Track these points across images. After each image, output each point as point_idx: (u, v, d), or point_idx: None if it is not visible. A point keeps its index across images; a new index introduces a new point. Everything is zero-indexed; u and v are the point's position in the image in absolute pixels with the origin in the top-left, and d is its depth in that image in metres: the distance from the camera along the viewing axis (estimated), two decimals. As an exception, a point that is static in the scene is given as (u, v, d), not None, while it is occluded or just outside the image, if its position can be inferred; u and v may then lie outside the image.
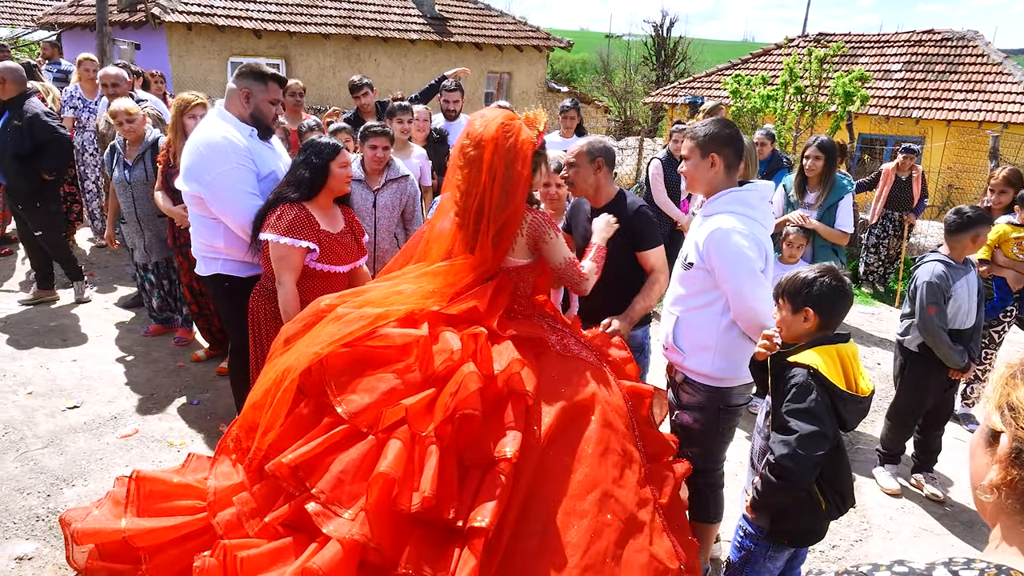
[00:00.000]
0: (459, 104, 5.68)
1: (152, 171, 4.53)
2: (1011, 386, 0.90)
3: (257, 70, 3.26)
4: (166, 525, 2.25)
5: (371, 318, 2.24)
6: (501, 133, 2.37)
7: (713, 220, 2.52)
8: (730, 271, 2.45)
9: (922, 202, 7.29)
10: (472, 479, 2.05)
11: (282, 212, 2.96)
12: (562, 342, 2.48)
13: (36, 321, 5.22)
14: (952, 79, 13.88)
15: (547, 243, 2.52)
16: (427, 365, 2.17)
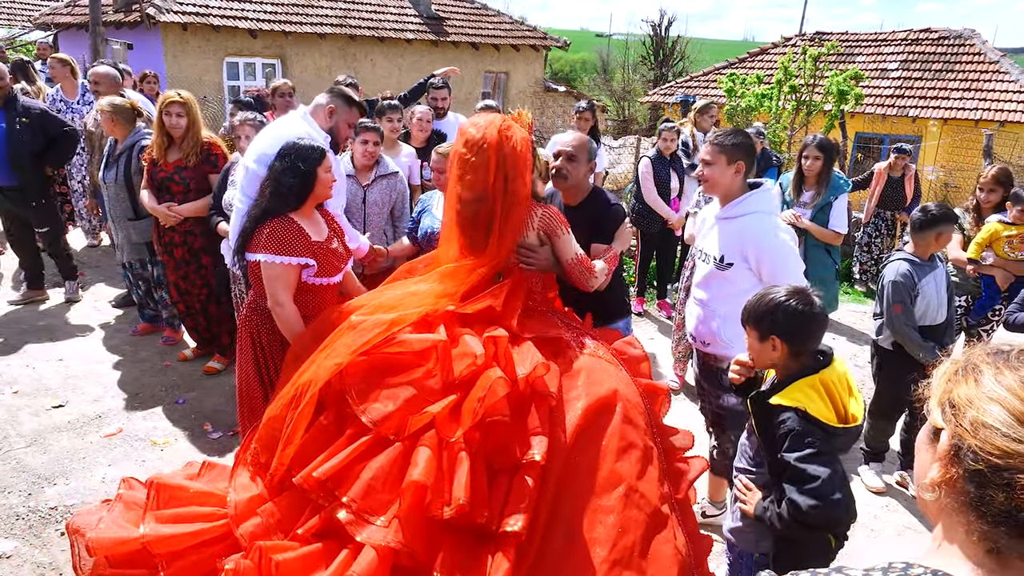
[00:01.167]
0: (447, 102, 5.67)
1: (123, 173, 4.50)
2: (953, 383, 0.89)
3: (347, 95, 3.37)
4: (185, 532, 2.23)
5: (386, 324, 2.24)
6: (502, 137, 2.39)
7: (746, 220, 2.72)
8: (782, 263, 2.68)
9: (915, 201, 7.27)
10: (500, 483, 2.06)
11: (272, 229, 2.72)
12: (578, 340, 2.48)
13: (25, 320, 5.21)
14: (948, 78, 13.87)
15: (559, 237, 2.58)
16: (447, 370, 2.18)
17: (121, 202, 4.50)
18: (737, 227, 2.76)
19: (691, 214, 4.53)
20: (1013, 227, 4.28)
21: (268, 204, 2.78)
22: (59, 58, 6.43)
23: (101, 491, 3.28)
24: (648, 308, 6.30)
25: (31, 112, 5.04)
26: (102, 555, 2.22)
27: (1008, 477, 0.78)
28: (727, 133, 2.82)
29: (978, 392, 0.85)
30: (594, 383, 2.29)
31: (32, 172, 5.13)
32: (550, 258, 2.61)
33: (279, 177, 2.79)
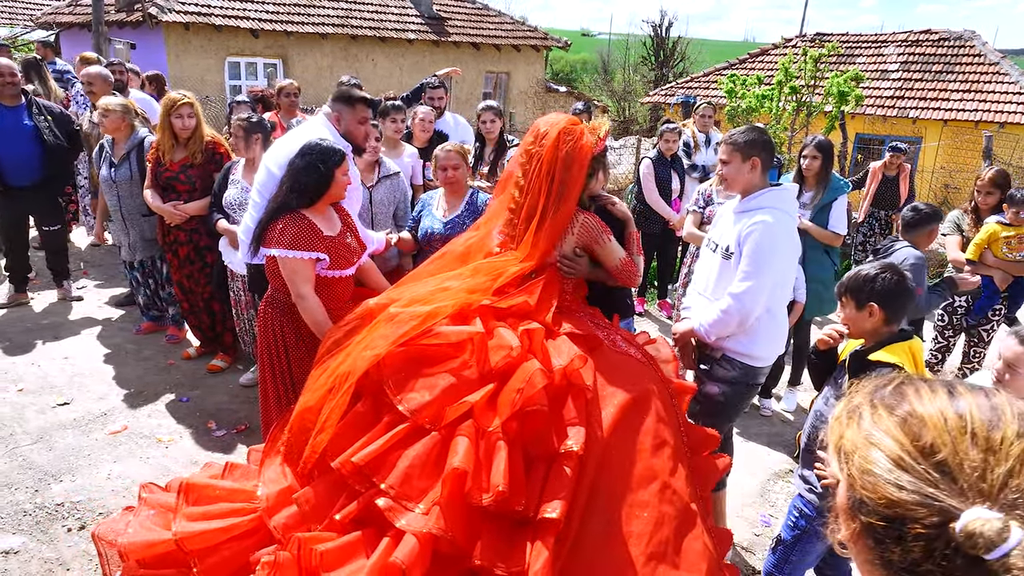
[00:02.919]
0: (443, 101, 5.68)
1: (137, 170, 4.55)
2: (840, 426, 0.81)
3: (346, 94, 3.31)
4: (217, 527, 2.26)
5: (422, 316, 2.28)
6: (563, 134, 2.46)
7: (757, 215, 2.79)
8: (755, 259, 2.72)
9: (909, 200, 7.30)
10: (537, 471, 2.09)
11: (285, 225, 2.82)
12: (610, 338, 2.53)
13: (29, 319, 5.24)
14: (949, 79, 13.89)
15: (602, 246, 2.62)
16: (483, 361, 2.21)
17: (135, 198, 4.53)
18: (747, 220, 2.82)
19: (691, 212, 4.56)
20: (1011, 228, 4.31)
21: (284, 200, 2.88)
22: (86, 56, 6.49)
23: (107, 488, 3.32)
24: (649, 308, 6.33)
25: (52, 111, 5.13)
26: (134, 559, 2.23)
27: (901, 529, 0.70)
28: (741, 131, 2.89)
29: (859, 436, 0.78)
30: (628, 380, 2.33)
31: (65, 168, 5.24)
32: (588, 266, 2.66)
33: (297, 174, 2.89)
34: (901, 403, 0.76)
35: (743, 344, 2.85)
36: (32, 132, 4.97)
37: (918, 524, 0.69)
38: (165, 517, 2.33)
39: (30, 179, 5.07)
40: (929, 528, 0.69)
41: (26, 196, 5.13)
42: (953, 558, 0.67)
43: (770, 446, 4.20)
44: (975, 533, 0.65)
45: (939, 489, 0.69)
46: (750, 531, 3.39)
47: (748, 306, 2.74)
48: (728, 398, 2.93)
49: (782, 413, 4.64)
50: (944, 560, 0.68)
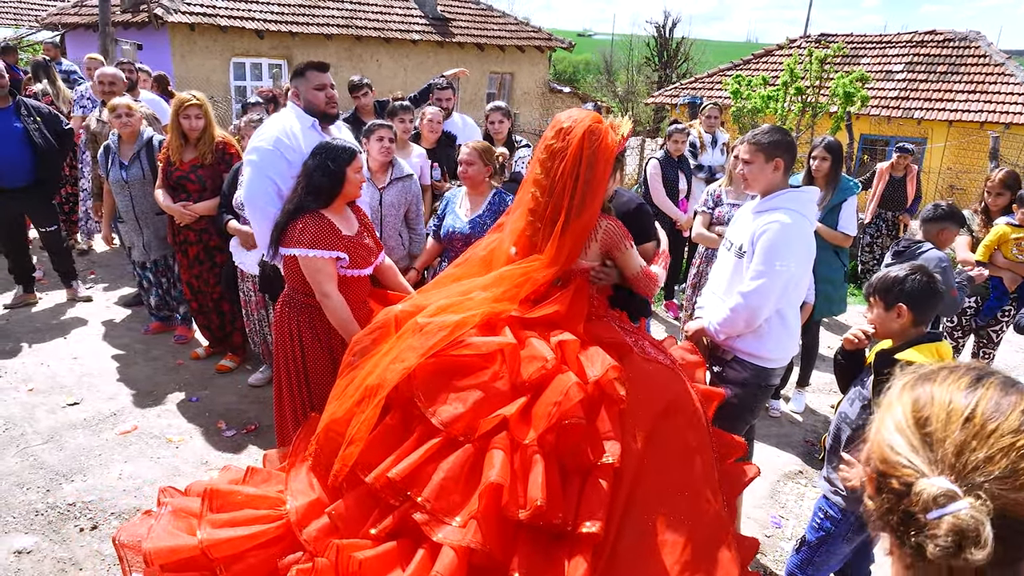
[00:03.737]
0: (451, 102, 5.69)
1: (149, 169, 4.56)
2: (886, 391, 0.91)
3: (295, 68, 3.39)
4: (244, 534, 2.25)
5: (451, 327, 2.23)
6: (589, 132, 2.36)
7: (773, 215, 2.77)
8: (767, 259, 2.70)
9: (916, 201, 7.29)
10: (573, 484, 2.07)
11: (304, 225, 2.84)
12: (639, 344, 2.47)
13: (37, 319, 5.25)
14: (954, 80, 13.87)
15: (622, 252, 2.54)
16: (516, 372, 2.17)
17: (148, 198, 4.53)
18: (764, 219, 2.80)
19: (699, 213, 4.56)
20: (1021, 229, 4.30)
21: (301, 201, 2.90)
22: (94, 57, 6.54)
23: (118, 488, 3.32)
24: (656, 309, 6.33)
25: (41, 111, 5.11)
26: (158, 564, 2.23)
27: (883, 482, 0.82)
28: (764, 131, 2.87)
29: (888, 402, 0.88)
30: (660, 388, 2.30)
31: (55, 170, 5.23)
32: (616, 276, 2.62)
33: (311, 175, 2.91)
34: (924, 382, 0.86)
35: (752, 345, 2.84)
36: (21, 134, 4.96)
37: (895, 480, 0.81)
38: (187, 522, 2.32)
39: (20, 181, 5.06)
40: (901, 485, 0.80)
41: (18, 198, 5.12)
42: (907, 516, 0.78)
43: (779, 447, 4.19)
44: (920, 493, 0.77)
45: (918, 455, 0.80)
46: (760, 532, 3.39)
47: (756, 305, 2.71)
48: (741, 400, 2.91)
49: (791, 414, 4.63)
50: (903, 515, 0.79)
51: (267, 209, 3.27)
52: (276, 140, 3.27)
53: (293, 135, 3.29)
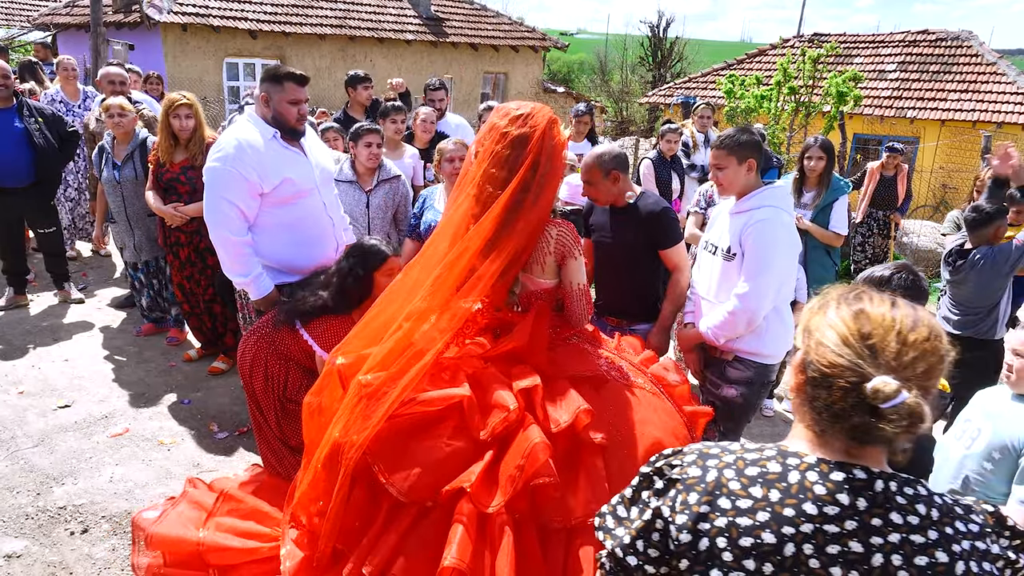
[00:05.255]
0: (444, 103, 5.69)
1: (142, 170, 4.54)
2: (811, 314, 1.14)
3: (273, 72, 3.14)
4: (240, 547, 2.25)
5: (401, 387, 2.00)
6: (553, 121, 2.24)
7: (756, 213, 2.78)
8: (759, 258, 2.72)
9: (907, 201, 7.33)
10: (557, 548, 1.90)
11: (330, 327, 2.82)
12: (616, 367, 2.27)
13: (28, 321, 5.23)
14: (946, 79, 13.93)
15: (575, 258, 2.34)
16: (475, 426, 1.99)
17: (140, 199, 4.52)
18: (745, 218, 2.82)
19: (692, 213, 4.56)
20: (1012, 228, 4.33)
21: (329, 301, 2.88)
22: (67, 59, 6.46)
23: (109, 490, 3.31)
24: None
25: (44, 113, 5.10)
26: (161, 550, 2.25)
27: (831, 382, 1.05)
28: (731, 135, 2.86)
29: (823, 321, 1.10)
30: (644, 419, 2.13)
31: (55, 171, 5.21)
32: None
33: (344, 278, 2.89)
34: (857, 303, 1.09)
35: (753, 343, 2.87)
36: (22, 134, 4.94)
37: (843, 380, 1.04)
38: (199, 514, 2.36)
39: (20, 181, 5.04)
40: (850, 383, 1.03)
41: (17, 198, 5.10)
42: (858, 404, 1.03)
43: (772, 446, 4.20)
44: (879, 390, 1.00)
45: (865, 361, 1.03)
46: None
47: (755, 306, 2.73)
48: (746, 399, 2.95)
49: (784, 413, 4.64)
50: (852, 404, 1.03)
51: (227, 236, 3.13)
52: (231, 158, 3.03)
53: (253, 149, 3.06)
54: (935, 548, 1.02)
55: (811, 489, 1.05)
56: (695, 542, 1.08)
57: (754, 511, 1.06)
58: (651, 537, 1.13)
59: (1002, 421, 2.29)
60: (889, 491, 1.05)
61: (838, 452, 1.09)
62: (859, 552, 1.01)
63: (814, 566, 1.02)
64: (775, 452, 1.12)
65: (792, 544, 1.03)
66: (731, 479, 1.10)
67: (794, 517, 1.04)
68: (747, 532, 1.05)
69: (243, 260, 3.18)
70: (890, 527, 1.02)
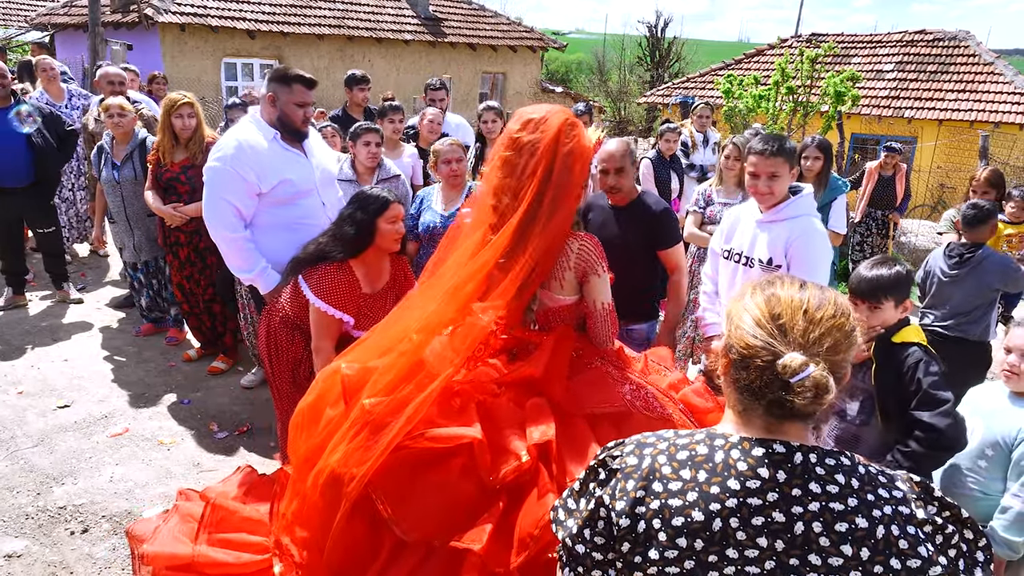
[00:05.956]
0: (444, 103, 5.70)
1: (141, 170, 4.54)
2: (733, 302, 1.22)
3: (281, 73, 3.17)
4: (232, 561, 2.23)
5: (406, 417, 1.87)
6: (567, 125, 2.05)
7: (801, 223, 2.80)
8: (814, 267, 2.75)
9: (905, 200, 7.35)
10: None
11: (324, 273, 2.74)
12: (640, 394, 2.07)
13: (27, 321, 5.22)
14: (944, 79, 13.96)
15: (598, 276, 2.14)
16: (485, 469, 1.85)
17: (140, 199, 4.52)
18: (786, 229, 2.80)
19: (691, 213, 4.58)
20: (1011, 226, 4.34)
21: (325, 247, 2.80)
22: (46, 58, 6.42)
23: (109, 490, 3.31)
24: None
25: (42, 112, 5.10)
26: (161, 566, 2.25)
27: (748, 362, 1.13)
28: (780, 141, 2.78)
29: (740, 307, 1.18)
30: None
31: (53, 171, 5.21)
32: None
33: (341, 223, 2.82)
34: (768, 288, 1.17)
35: None
36: (20, 135, 4.94)
37: (759, 359, 1.11)
38: (191, 527, 2.34)
39: (20, 181, 5.03)
40: (765, 362, 1.11)
41: (16, 198, 5.09)
42: (773, 380, 1.10)
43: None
44: (787, 365, 1.08)
45: (776, 340, 1.11)
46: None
47: None
48: None
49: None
50: (767, 381, 1.11)
51: (227, 234, 3.17)
52: (230, 158, 3.08)
53: (252, 150, 3.11)
54: (854, 514, 1.07)
55: (734, 466, 1.11)
56: (633, 525, 1.13)
57: (684, 492, 1.11)
58: (596, 525, 1.17)
59: (995, 419, 2.31)
60: (809, 463, 1.10)
61: (759, 430, 1.15)
62: (781, 522, 1.07)
63: (741, 538, 1.07)
64: (704, 435, 1.18)
65: (719, 519, 1.08)
66: (663, 464, 1.16)
67: (719, 493, 1.09)
68: (678, 512, 1.10)
69: (246, 255, 3.22)
70: (809, 496, 1.07)
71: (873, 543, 1.05)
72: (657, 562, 1.10)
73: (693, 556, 1.08)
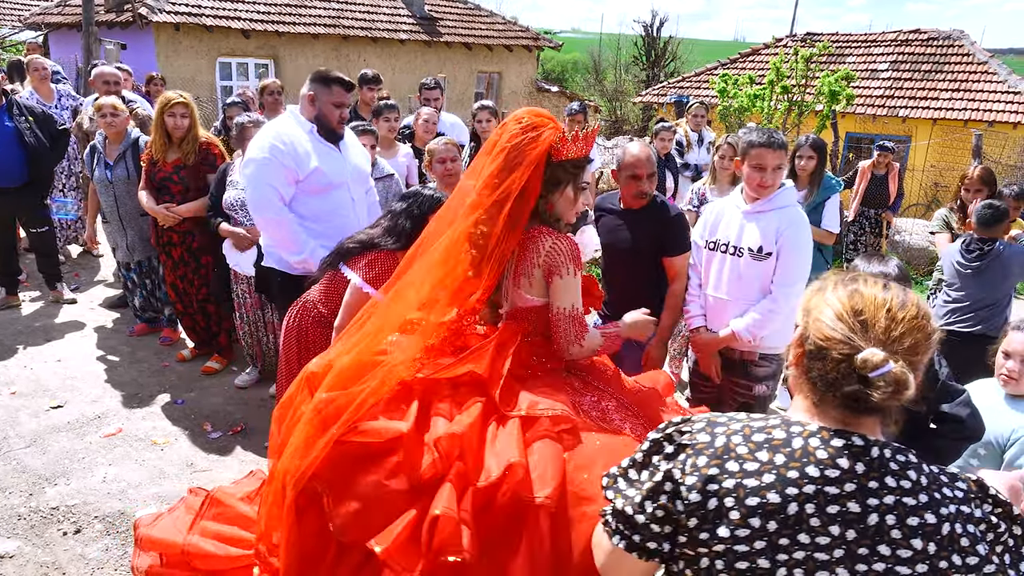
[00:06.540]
0: (439, 102, 5.70)
1: (134, 170, 4.53)
2: (811, 295, 1.25)
3: (323, 74, 3.37)
4: (221, 554, 2.23)
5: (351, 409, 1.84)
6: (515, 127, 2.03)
7: (789, 212, 2.90)
8: (803, 255, 2.88)
9: (898, 199, 7.38)
10: None
11: (374, 260, 2.85)
12: (599, 406, 1.98)
13: (21, 321, 5.21)
14: (938, 78, 14.01)
15: (561, 276, 2.04)
16: (413, 466, 1.79)
17: (133, 198, 4.51)
18: (775, 218, 2.90)
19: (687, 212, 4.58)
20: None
21: (378, 238, 2.92)
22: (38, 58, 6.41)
23: (102, 491, 3.30)
24: (643, 307, 6.34)
25: (34, 112, 5.08)
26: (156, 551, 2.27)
27: (825, 353, 1.16)
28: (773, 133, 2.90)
29: (821, 300, 1.21)
30: None
31: (47, 170, 5.20)
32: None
33: (396, 217, 2.94)
34: (851, 284, 1.20)
35: (774, 339, 2.99)
36: (12, 133, 4.92)
37: (836, 352, 1.14)
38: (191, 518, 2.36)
39: (11, 181, 5.01)
40: (842, 355, 1.13)
41: (9, 198, 5.07)
42: (849, 374, 1.13)
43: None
44: (867, 360, 1.10)
45: (856, 335, 1.14)
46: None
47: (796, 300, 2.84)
48: (771, 391, 3.13)
49: (776, 410, 4.67)
50: (844, 373, 1.13)
51: (275, 217, 3.31)
52: (271, 148, 3.25)
53: (289, 142, 3.28)
54: (924, 510, 1.10)
55: (813, 453, 1.13)
56: (704, 502, 1.14)
57: (760, 473, 1.13)
58: (659, 498, 1.18)
59: (988, 418, 2.31)
60: (884, 457, 1.13)
61: (834, 420, 1.17)
62: (856, 512, 1.09)
63: (815, 524, 1.10)
64: (779, 421, 1.20)
65: (795, 504, 1.10)
66: (739, 444, 1.17)
67: (797, 478, 1.11)
68: (753, 492, 1.11)
69: (295, 237, 3.33)
70: (885, 490, 1.10)
71: (939, 539, 1.09)
72: (727, 540, 1.11)
73: (765, 537, 1.10)
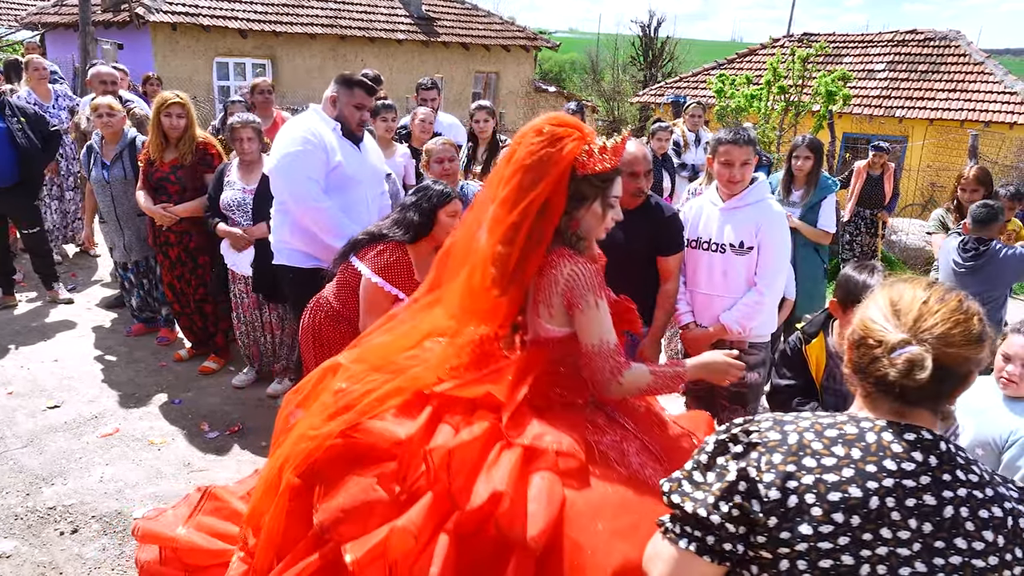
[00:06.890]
0: (436, 102, 5.70)
1: (131, 170, 4.53)
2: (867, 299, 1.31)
3: (346, 77, 3.42)
4: (211, 548, 2.24)
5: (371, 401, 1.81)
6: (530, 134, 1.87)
7: (761, 205, 2.97)
8: (784, 247, 2.98)
9: (894, 199, 7.40)
10: None
11: (383, 250, 2.88)
12: (620, 447, 1.82)
13: (17, 321, 5.20)
14: (935, 79, 14.04)
15: (582, 309, 1.83)
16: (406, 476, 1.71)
17: (130, 198, 4.51)
18: (752, 213, 2.97)
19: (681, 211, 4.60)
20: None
21: (385, 229, 2.94)
22: (37, 58, 6.40)
23: (99, 491, 3.30)
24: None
25: (26, 112, 5.07)
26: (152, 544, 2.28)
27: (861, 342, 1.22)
28: (744, 130, 2.97)
29: (871, 299, 1.27)
30: (616, 534, 1.57)
31: (38, 171, 5.19)
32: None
33: (405, 210, 2.96)
34: (899, 284, 1.27)
35: (761, 328, 3.09)
36: (3, 134, 4.91)
37: (871, 339, 1.20)
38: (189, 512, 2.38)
39: (4, 181, 4.99)
40: (875, 342, 1.19)
41: (1, 198, 5.07)
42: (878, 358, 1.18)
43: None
44: (888, 341, 1.17)
45: (888, 322, 1.19)
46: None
47: (780, 290, 3.01)
48: (762, 376, 3.19)
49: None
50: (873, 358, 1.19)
51: (318, 205, 3.32)
52: (304, 140, 3.30)
53: (318, 135, 3.33)
54: (991, 504, 1.13)
55: (888, 447, 1.15)
56: (784, 499, 1.14)
57: (839, 468, 1.14)
58: (734, 497, 1.18)
59: (986, 418, 2.31)
60: (951, 451, 1.16)
61: (887, 413, 1.20)
62: (932, 505, 1.11)
63: (895, 518, 1.11)
64: (847, 417, 1.22)
65: (876, 497, 1.12)
66: (812, 440, 1.17)
67: (876, 472, 1.13)
68: (834, 487, 1.12)
69: (339, 223, 3.33)
70: (958, 483, 1.13)
71: (1006, 532, 1.12)
72: (810, 537, 1.11)
73: (849, 532, 1.10)
